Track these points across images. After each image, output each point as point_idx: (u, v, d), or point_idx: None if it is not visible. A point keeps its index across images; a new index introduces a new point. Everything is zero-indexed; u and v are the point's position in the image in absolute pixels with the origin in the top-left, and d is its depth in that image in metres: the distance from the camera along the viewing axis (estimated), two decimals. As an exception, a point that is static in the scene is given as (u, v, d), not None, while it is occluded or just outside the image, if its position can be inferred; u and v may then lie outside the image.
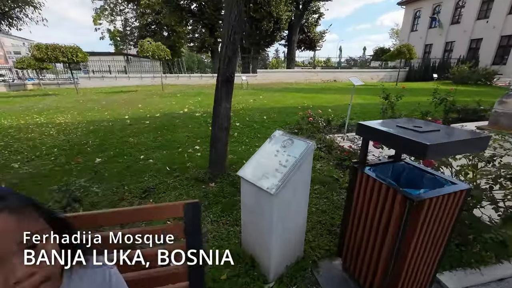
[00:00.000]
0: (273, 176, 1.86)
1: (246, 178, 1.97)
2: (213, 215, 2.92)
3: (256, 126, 6.93)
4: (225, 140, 3.61)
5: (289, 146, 2.03)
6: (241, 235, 2.37)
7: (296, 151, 1.94)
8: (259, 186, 1.85)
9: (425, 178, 1.81)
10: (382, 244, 1.72)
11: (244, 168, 2.08)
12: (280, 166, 1.90)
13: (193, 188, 3.52)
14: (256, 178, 1.92)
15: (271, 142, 2.18)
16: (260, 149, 2.18)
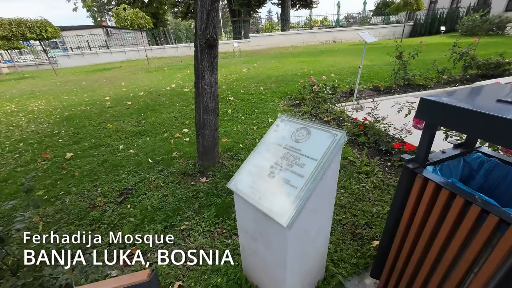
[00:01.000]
0: (284, 193, 1.18)
1: (241, 195, 1.30)
2: (205, 223, 2.33)
3: (252, 99, 6.11)
4: (213, 125, 2.88)
5: (304, 139, 1.32)
6: (241, 255, 1.79)
7: (316, 149, 1.24)
8: (263, 211, 1.18)
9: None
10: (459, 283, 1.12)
11: (239, 175, 1.40)
12: (293, 176, 1.21)
13: (180, 186, 2.89)
14: (258, 196, 1.25)
15: (275, 133, 1.46)
16: (261, 144, 1.47)
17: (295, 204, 1.11)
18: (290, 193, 1.16)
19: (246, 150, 3.60)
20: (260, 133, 4.21)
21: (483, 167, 1.29)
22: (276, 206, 1.15)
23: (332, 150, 1.20)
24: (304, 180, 1.17)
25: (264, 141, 1.47)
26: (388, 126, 3.58)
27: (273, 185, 1.24)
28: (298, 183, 1.17)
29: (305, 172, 1.19)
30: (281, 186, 1.21)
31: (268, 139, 1.46)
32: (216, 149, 3.07)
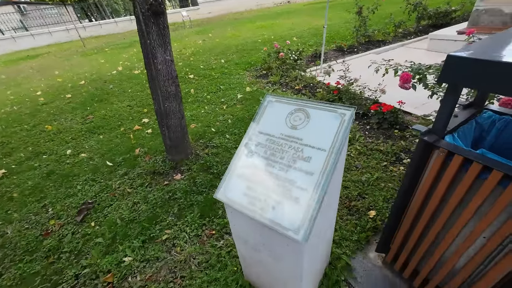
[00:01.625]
0: (292, 200, 0.93)
1: (236, 207, 1.02)
2: (190, 227, 2.04)
3: (215, 74, 5.54)
4: (178, 112, 2.44)
5: (303, 124, 1.05)
6: (240, 261, 1.57)
7: (322, 136, 0.98)
8: (269, 226, 0.93)
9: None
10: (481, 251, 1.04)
11: (227, 181, 1.10)
12: (300, 175, 0.96)
13: (152, 188, 2.50)
14: (258, 207, 0.98)
15: (265, 120, 1.16)
16: (247, 136, 1.17)
17: (309, 213, 0.87)
18: (300, 198, 0.91)
19: (220, 134, 3.24)
20: (232, 112, 3.84)
21: (494, 127, 1.18)
22: (286, 217, 0.90)
23: (343, 134, 0.95)
24: (315, 179, 0.92)
25: (252, 131, 1.16)
26: (363, 87, 3.48)
27: (276, 190, 0.98)
28: (308, 183, 0.93)
29: (314, 168, 0.94)
30: (287, 190, 0.95)
31: (256, 129, 1.16)
32: (186, 139, 2.67)
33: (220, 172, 2.57)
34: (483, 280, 1.08)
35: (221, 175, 2.54)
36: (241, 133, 3.25)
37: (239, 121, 3.53)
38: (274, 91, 4.44)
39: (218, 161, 2.71)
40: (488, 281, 1.07)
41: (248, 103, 4.05)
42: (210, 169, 2.63)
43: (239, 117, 3.63)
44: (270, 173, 1.02)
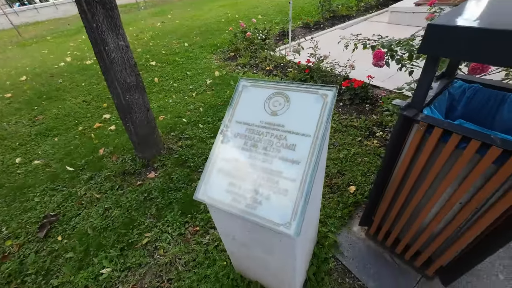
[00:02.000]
0: (280, 192, 0.87)
1: (219, 206, 0.93)
2: (171, 227, 1.93)
3: (179, 60, 5.15)
4: (143, 105, 2.21)
5: (283, 109, 0.97)
6: (228, 255, 1.52)
7: (305, 121, 0.92)
8: (259, 223, 0.86)
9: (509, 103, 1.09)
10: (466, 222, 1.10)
11: (207, 179, 1.00)
12: (286, 165, 0.89)
13: (124, 190, 2.30)
14: (243, 204, 0.90)
15: (241, 108, 1.06)
16: (224, 127, 1.06)
17: (300, 205, 0.82)
18: (289, 190, 0.85)
19: (193, 125, 3.06)
20: (202, 99, 3.62)
21: (464, 96, 1.21)
22: (275, 212, 0.84)
23: (327, 117, 0.89)
24: (302, 168, 0.86)
25: (228, 122, 1.05)
26: (333, 64, 3.47)
27: (262, 183, 0.90)
28: (295, 173, 0.86)
29: (300, 156, 0.88)
30: (274, 182, 0.88)
31: (232, 118, 1.05)
32: (155, 133, 2.46)
33: (197, 165, 2.44)
34: (458, 242, 1.16)
35: (199, 168, 2.42)
36: (214, 121, 3.09)
37: (211, 109, 3.35)
38: (245, 73, 4.26)
39: (193, 154, 2.56)
40: (462, 242, 1.14)
41: (219, 88, 3.85)
42: (186, 163, 2.48)
43: (211, 104, 3.45)
44: (254, 165, 0.94)
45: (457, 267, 1.26)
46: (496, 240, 1.05)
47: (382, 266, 1.61)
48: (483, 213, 1.02)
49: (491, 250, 1.09)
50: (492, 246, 1.08)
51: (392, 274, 1.57)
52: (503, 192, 0.93)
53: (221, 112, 3.26)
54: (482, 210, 1.01)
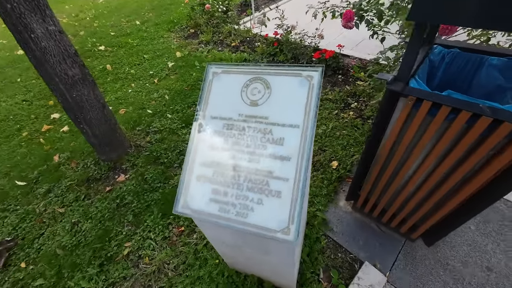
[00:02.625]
0: (273, 195, 0.77)
1: (204, 218, 0.82)
2: (153, 232, 1.78)
3: (132, 41, 4.57)
4: (95, 100, 1.90)
5: (265, 98, 0.84)
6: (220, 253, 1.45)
7: (290, 109, 0.80)
8: (253, 232, 0.76)
9: (489, 67, 1.07)
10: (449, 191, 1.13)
11: (186, 189, 0.86)
12: (275, 163, 0.78)
13: (92, 200, 2.05)
14: (233, 212, 0.79)
15: (215, 101, 0.90)
16: (197, 126, 0.90)
17: (297, 206, 0.73)
18: (283, 191, 0.76)
19: (160, 115, 2.78)
20: (166, 85, 3.29)
21: (444, 62, 1.18)
22: (270, 218, 0.75)
23: (315, 102, 0.78)
24: (294, 164, 0.76)
25: (201, 118, 0.90)
26: (302, 35, 3.31)
27: (250, 186, 0.79)
28: (287, 171, 0.76)
29: (290, 151, 0.77)
30: (264, 184, 0.78)
31: (206, 113, 0.89)
32: (117, 131, 2.18)
33: (171, 161, 2.24)
34: (442, 209, 1.20)
35: (174, 163, 2.23)
36: (184, 109, 2.84)
37: (178, 95, 3.06)
38: (210, 52, 3.93)
39: (166, 148, 2.35)
40: (446, 209, 1.18)
41: (183, 71, 3.51)
42: (158, 159, 2.27)
43: (177, 90, 3.14)
44: (239, 167, 0.82)
45: (440, 230, 1.33)
46: (477, 205, 1.10)
47: (370, 236, 1.67)
48: (467, 181, 1.04)
49: (472, 214, 1.15)
50: (474, 210, 1.13)
51: (379, 241, 1.64)
52: (486, 159, 0.93)
53: (189, 98, 2.99)
54: (467, 178, 1.03)
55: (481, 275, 1.45)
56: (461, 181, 1.05)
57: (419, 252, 1.57)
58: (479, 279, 1.44)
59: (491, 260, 1.49)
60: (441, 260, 1.52)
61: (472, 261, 1.50)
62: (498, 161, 0.87)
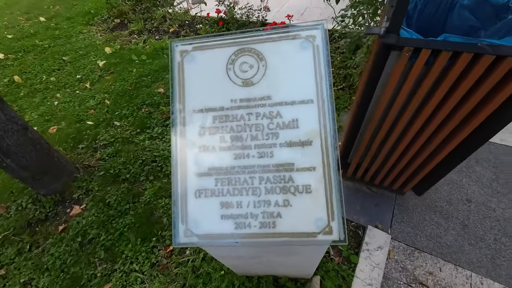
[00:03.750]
0: (298, 191, 0.62)
1: (222, 243, 0.63)
2: (137, 262, 1.50)
3: (42, 43, 3.69)
4: (9, 122, 1.42)
5: (260, 73, 0.66)
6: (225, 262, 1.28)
7: (298, 80, 0.64)
8: (286, 242, 0.61)
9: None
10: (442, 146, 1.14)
11: (182, 213, 0.65)
12: (294, 151, 0.63)
13: (43, 247, 1.62)
14: (256, 225, 0.62)
15: (194, 89, 0.68)
16: (177, 123, 0.67)
17: (334, 197, 0.60)
18: (312, 184, 0.61)
19: (106, 124, 2.32)
20: (103, 88, 2.75)
21: (417, 9, 1.13)
22: (305, 220, 0.60)
23: (325, 66, 0.63)
24: (318, 148, 0.61)
25: (179, 115, 0.67)
26: (247, 9, 3.07)
27: (270, 188, 0.62)
28: (311, 158, 0.61)
29: (309, 133, 0.62)
30: (286, 180, 0.62)
31: (186, 107, 0.67)
32: (53, 155, 1.72)
33: (136, 174, 1.90)
34: (434, 160, 1.22)
35: (140, 176, 1.89)
36: (133, 112, 2.42)
37: (121, 97, 2.60)
38: (146, 42, 3.41)
39: (124, 162, 1.97)
40: (438, 159, 1.21)
41: (120, 69, 2.99)
42: (118, 177, 1.89)
43: (118, 92, 2.66)
44: (248, 168, 0.64)
45: (430, 179, 1.38)
46: (466, 151, 1.13)
47: (365, 200, 1.69)
48: (460, 126, 1.04)
49: (461, 159, 1.19)
50: (463, 156, 1.17)
51: (374, 203, 1.67)
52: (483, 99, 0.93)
53: (136, 98, 2.56)
54: (460, 123, 1.04)
55: (464, 208, 1.59)
56: (456, 127, 1.05)
57: (411, 203, 1.65)
58: (463, 212, 1.57)
59: (468, 193, 1.65)
60: (430, 205, 1.62)
61: (454, 197, 1.64)
62: (497, 98, 0.87)
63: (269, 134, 0.64)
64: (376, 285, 1.34)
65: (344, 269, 1.40)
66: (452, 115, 1.00)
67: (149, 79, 2.81)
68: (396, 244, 1.49)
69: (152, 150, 2.05)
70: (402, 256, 1.45)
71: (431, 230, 1.52)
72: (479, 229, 1.50)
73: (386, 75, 1.02)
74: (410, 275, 1.38)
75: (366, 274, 1.37)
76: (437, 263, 1.40)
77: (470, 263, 1.38)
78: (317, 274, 1.35)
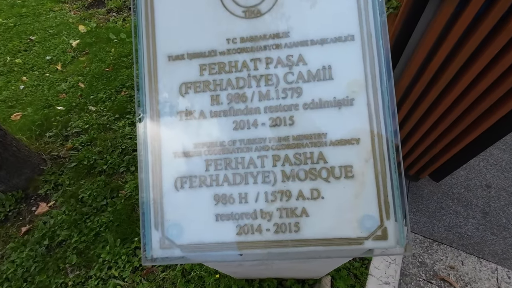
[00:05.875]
0: (336, 177, 0.40)
1: (220, 256, 0.41)
2: (116, 267, 1.28)
3: (7, 21, 3.26)
4: None
5: (275, 3, 0.42)
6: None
7: (329, 7, 0.41)
8: (318, 252, 0.40)
9: None
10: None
11: (157, 215, 0.42)
12: (324, 113, 0.40)
13: (2, 253, 1.37)
14: (270, 228, 0.40)
15: (168, 22, 0.44)
16: (143, 83, 0.44)
17: (389, 182, 0.39)
18: (355, 164, 0.40)
19: (79, 110, 2.03)
20: (77, 70, 2.44)
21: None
22: (344, 219, 0.39)
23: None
24: (364, 108, 0.40)
25: (149, 65, 0.43)
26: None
27: (289, 172, 0.41)
28: (353, 125, 0.40)
29: (350, 87, 0.40)
30: (315, 160, 0.40)
31: (156, 53, 0.43)
32: (11, 144, 1.44)
33: (114, 165, 1.65)
34: (455, 147, 1.05)
35: (119, 167, 1.64)
36: (111, 95, 2.14)
37: (97, 80, 2.29)
38: (126, 20, 3.07)
39: (101, 151, 1.71)
40: (459, 146, 1.03)
41: (97, 49, 2.66)
42: (93, 168, 1.64)
43: (94, 74, 2.35)
44: (256, 141, 0.42)
45: (451, 165, 1.21)
46: (496, 134, 0.96)
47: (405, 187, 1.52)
48: (499, 102, 0.86)
49: (488, 145, 1.02)
50: (490, 140, 1.00)
51: (385, 191, 1.50)
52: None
53: (115, 80, 2.27)
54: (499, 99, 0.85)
55: (483, 194, 1.45)
56: (496, 101, 0.87)
57: (425, 190, 1.49)
58: (483, 198, 1.43)
59: (486, 177, 1.51)
60: (446, 191, 1.47)
61: (472, 183, 1.49)
62: None
63: (287, 90, 0.42)
64: (394, 283, 1.18)
65: (356, 266, 1.23)
66: (497, 85, 0.81)
67: (130, 59, 2.51)
68: (412, 236, 1.33)
69: (133, 138, 1.79)
70: (419, 249, 1.29)
71: (449, 220, 1.37)
72: (501, 216, 1.36)
73: (419, 33, 0.81)
74: (429, 270, 1.23)
75: (382, 272, 1.21)
76: (459, 256, 1.26)
77: (494, 255, 1.24)
78: (327, 273, 1.18)
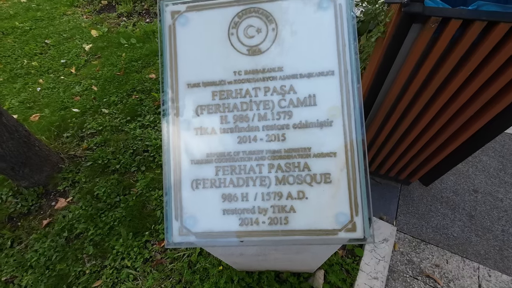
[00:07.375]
0: (317, 182, 0.51)
1: (224, 243, 0.53)
2: (128, 258, 1.40)
3: (23, 25, 3.43)
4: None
5: (270, 38, 0.54)
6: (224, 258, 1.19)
7: (314, 45, 0.53)
8: (300, 241, 0.51)
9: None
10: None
11: (176, 207, 0.54)
12: (309, 132, 0.52)
13: (25, 243, 1.50)
14: (265, 220, 0.52)
15: (188, 59, 0.56)
16: (165, 102, 0.56)
17: (358, 186, 0.50)
18: (332, 172, 0.51)
19: (93, 112, 2.17)
20: (90, 73, 2.58)
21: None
22: (323, 215, 0.51)
23: (349, 31, 0.52)
24: (340, 129, 0.51)
25: (170, 91, 0.55)
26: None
27: (280, 176, 0.52)
28: (332, 141, 0.51)
29: (330, 111, 0.52)
30: (301, 168, 0.52)
31: (177, 82, 0.55)
32: (34, 144, 1.58)
33: (126, 165, 1.78)
34: (444, 151, 1.15)
35: (130, 167, 1.77)
36: (123, 98, 2.27)
37: (109, 83, 2.43)
38: (136, 25, 3.21)
39: (114, 152, 1.84)
40: (448, 150, 1.13)
41: (108, 53, 2.80)
42: (107, 167, 1.77)
43: (106, 78, 2.49)
44: (256, 153, 0.53)
45: (439, 170, 1.31)
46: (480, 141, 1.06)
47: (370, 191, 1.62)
48: (481, 111, 0.96)
49: (473, 150, 1.12)
50: (476, 146, 1.10)
51: (378, 193, 1.60)
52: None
53: (126, 84, 2.40)
54: (482, 107, 0.95)
55: (471, 198, 1.54)
56: (477, 111, 0.97)
57: (416, 193, 1.59)
58: (470, 202, 1.52)
59: (474, 183, 1.60)
60: (436, 195, 1.56)
61: (461, 188, 1.58)
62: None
63: (280, 113, 0.53)
64: (382, 279, 1.28)
65: (348, 262, 1.33)
66: (476, 97, 0.91)
67: (140, 64, 2.64)
68: (401, 236, 1.43)
69: (143, 139, 1.92)
70: (408, 248, 1.39)
71: (437, 221, 1.47)
72: (486, 220, 1.45)
73: (404, 54, 0.92)
74: (416, 267, 1.33)
75: (371, 268, 1.31)
76: (444, 255, 1.35)
77: (477, 255, 1.34)
78: (321, 267, 1.28)
